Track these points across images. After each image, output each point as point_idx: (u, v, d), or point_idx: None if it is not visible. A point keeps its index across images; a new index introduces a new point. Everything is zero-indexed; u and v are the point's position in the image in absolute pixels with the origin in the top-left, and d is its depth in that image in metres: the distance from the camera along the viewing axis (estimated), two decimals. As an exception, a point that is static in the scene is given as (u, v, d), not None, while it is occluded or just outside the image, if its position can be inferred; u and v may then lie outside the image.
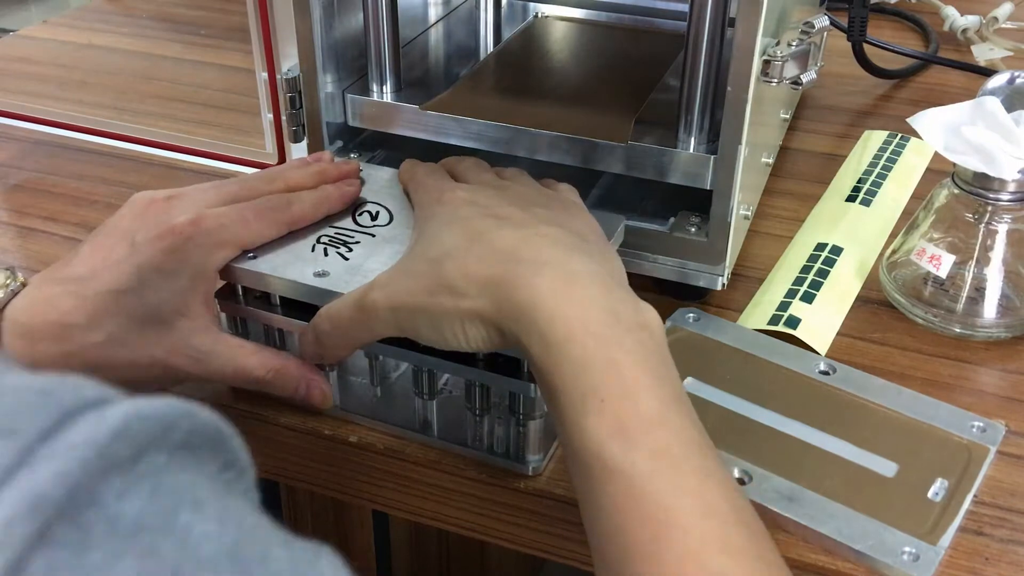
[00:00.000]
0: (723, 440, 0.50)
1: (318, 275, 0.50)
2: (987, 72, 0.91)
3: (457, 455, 0.51)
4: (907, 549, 0.45)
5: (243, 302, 0.53)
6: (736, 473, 0.48)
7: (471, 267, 0.43)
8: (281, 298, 0.52)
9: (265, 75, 0.66)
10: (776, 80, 0.56)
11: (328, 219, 0.54)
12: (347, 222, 0.54)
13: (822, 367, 0.56)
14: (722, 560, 0.35)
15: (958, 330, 0.59)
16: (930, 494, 0.48)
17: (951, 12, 1.01)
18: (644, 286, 0.63)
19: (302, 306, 0.51)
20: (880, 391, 0.54)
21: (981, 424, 0.52)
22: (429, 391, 0.52)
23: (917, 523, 0.46)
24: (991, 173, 0.56)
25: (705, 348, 0.57)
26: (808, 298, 0.61)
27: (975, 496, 0.48)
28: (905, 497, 0.48)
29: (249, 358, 0.50)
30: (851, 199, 0.72)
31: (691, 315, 0.59)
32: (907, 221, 0.64)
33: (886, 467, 0.49)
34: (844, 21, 0.87)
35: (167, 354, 0.49)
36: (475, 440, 0.52)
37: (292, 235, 0.53)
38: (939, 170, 0.75)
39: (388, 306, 0.45)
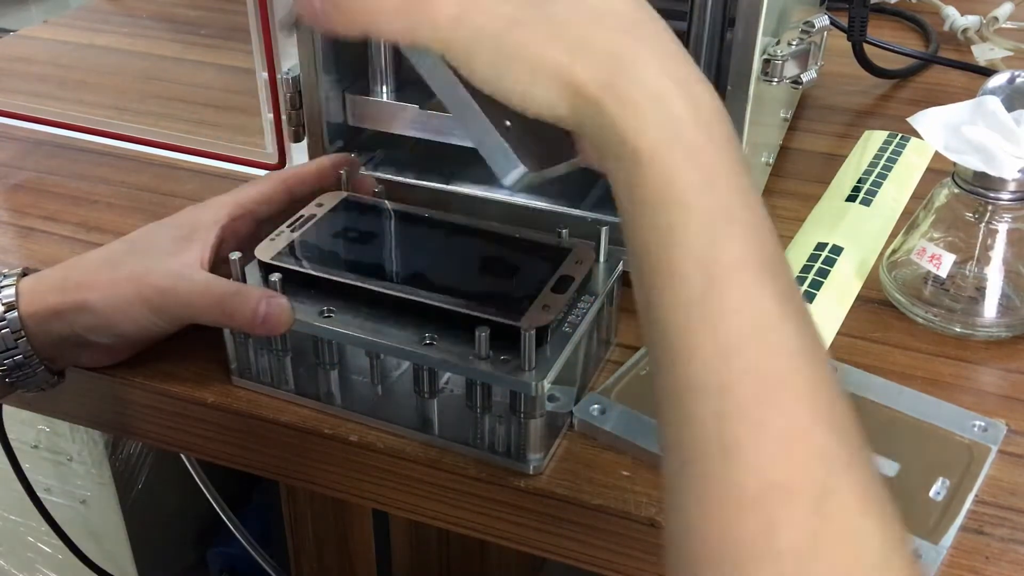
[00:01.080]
0: None
1: None
2: (987, 72, 0.91)
3: (458, 454, 0.51)
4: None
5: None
6: None
7: (584, 23, 0.37)
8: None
9: (265, 75, 0.66)
10: (776, 79, 0.56)
11: None
12: None
13: None
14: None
15: (958, 329, 0.59)
16: (931, 493, 0.48)
17: (951, 12, 1.01)
18: (644, 286, 0.63)
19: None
20: (881, 390, 0.54)
21: (983, 423, 0.52)
22: (430, 390, 0.52)
23: (918, 522, 0.46)
24: (991, 172, 0.56)
25: None
26: (808, 297, 0.61)
27: (976, 495, 0.48)
28: (906, 496, 0.48)
29: (217, 280, 0.52)
30: (851, 199, 0.72)
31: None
32: (907, 221, 0.64)
33: (887, 466, 0.49)
34: (844, 21, 0.87)
35: (145, 271, 0.52)
36: (476, 439, 0.52)
37: None
38: (939, 170, 0.75)
39: (458, 10, 0.37)
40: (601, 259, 0.55)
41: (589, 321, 0.51)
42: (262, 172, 0.70)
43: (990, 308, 0.59)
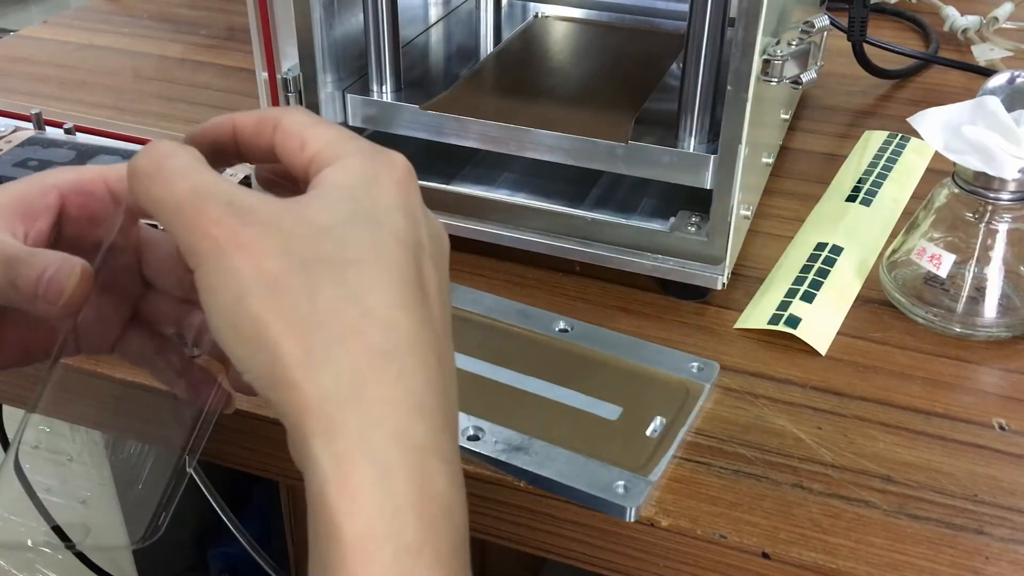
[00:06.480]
0: (461, 402, 0.51)
1: None
2: (987, 72, 0.91)
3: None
4: (620, 483, 0.48)
5: None
6: (470, 431, 0.51)
7: (341, 326, 0.33)
8: None
9: (265, 75, 0.66)
10: (776, 79, 0.56)
11: None
12: None
13: (561, 326, 0.58)
14: None
15: (958, 329, 0.59)
16: (648, 431, 0.51)
17: (951, 12, 1.01)
18: (645, 286, 0.63)
19: None
20: (612, 342, 0.57)
21: (699, 364, 0.55)
22: None
23: (633, 459, 0.49)
24: (991, 172, 0.56)
25: (456, 318, 0.58)
26: (808, 298, 0.61)
27: (689, 429, 0.49)
28: (625, 437, 0.51)
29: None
30: (851, 199, 0.72)
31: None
32: (907, 221, 0.64)
33: (611, 411, 0.52)
34: (844, 21, 0.87)
35: None
36: None
37: None
38: (939, 170, 0.75)
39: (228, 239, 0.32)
40: None
41: None
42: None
43: (990, 308, 0.59)
